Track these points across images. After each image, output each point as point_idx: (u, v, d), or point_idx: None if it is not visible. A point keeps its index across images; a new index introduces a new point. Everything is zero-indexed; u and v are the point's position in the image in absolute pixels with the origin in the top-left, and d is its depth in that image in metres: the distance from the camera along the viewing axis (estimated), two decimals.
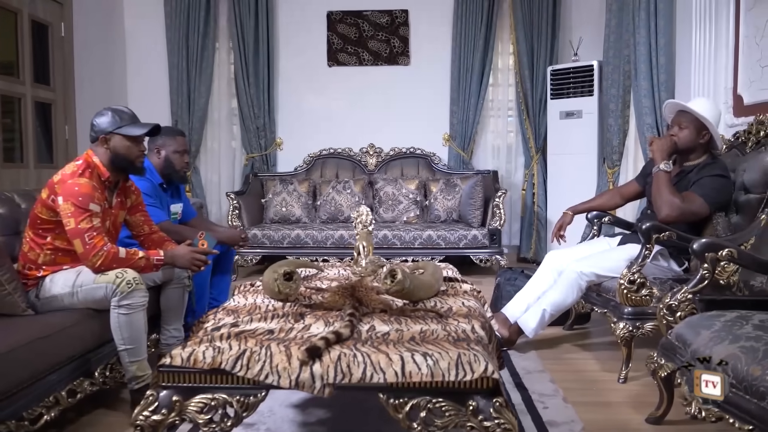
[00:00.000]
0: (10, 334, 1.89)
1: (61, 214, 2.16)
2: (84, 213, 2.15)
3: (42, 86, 4.25)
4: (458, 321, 1.82)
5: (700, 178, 2.69)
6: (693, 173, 2.74)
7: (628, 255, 2.77)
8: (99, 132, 2.30)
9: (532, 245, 5.20)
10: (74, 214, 2.14)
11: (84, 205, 2.16)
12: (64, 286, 2.21)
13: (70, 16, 4.48)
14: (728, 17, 3.22)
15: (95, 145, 2.32)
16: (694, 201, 2.64)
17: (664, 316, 2.21)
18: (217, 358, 1.50)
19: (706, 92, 3.41)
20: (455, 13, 5.19)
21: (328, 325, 1.75)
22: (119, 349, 2.19)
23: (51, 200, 2.20)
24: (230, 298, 2.21)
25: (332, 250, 4.62)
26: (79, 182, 2.19)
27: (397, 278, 1.94)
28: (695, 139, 2.74)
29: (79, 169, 2.25)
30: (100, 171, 2.30)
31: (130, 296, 2.15)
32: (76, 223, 2.14)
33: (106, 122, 2.30)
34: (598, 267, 2.85)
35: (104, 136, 2.29)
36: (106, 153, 2.31)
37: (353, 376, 1.47)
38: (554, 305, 2.88)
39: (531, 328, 2.89)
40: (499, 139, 5.41)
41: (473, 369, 1.47)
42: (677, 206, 2.62)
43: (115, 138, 2.30)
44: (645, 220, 2.72)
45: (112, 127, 2.30)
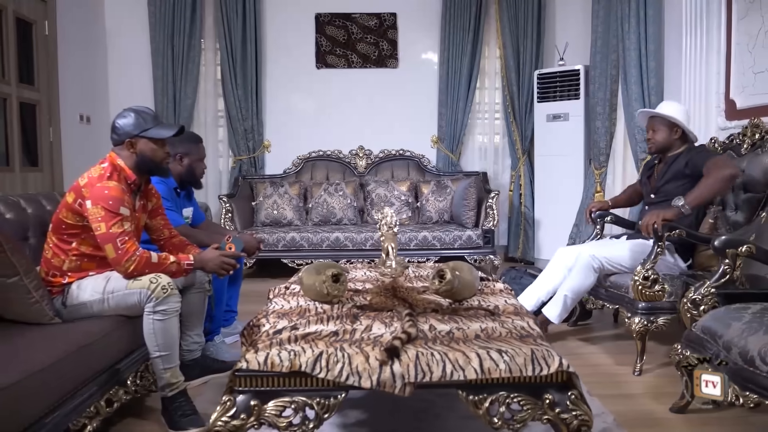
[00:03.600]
0: (50, 345, 1.83)
1: (90, 218, 2.09)
2: (115, 217, 2.09)
3: (27, 86, 4.08)
4: (511, 318, 1.86)
5: (690, 158, 2.87)
6: (679, 160, 2.93)
7: (633, 246, 2.94)
8: (124, 135, 2.22)
9: (519, 245, 5.32)
10: (105, 219, 2.07)
11: (115, 209, 2.09)
12: (94, 293, 2.14)
13: (54, 14, 4.32)
14: (719, 25, 3.38)
15: (119, 148, 2.24)
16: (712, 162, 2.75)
17: (689, 309, 2.31)
18: (295, 361, 1.50)
19: (697, 96, 3.58)
20: (443, 18, 5.26)
21: (387, 325, 1.76)
22: (153, 355, 2.14)
23: (78, 204, 2.12)
24: (268, 302, 2.19)
25: (328, 252, 4.60)
26: (108, 185, 2.12)
27: (446, 278, 1.98)
28: (669, 137, 2.98)
29: (107, 172, 2.18)
30: (127, 174, 2.23)
31: (166, 302, 2.10)
32: (107, 227, 2.07)
33: (131, 125, 2.22)
34: (607, 253, 2.98)
35: (130, 140, 2.22)
36: (131, 156, 2.24)
37: (433, 375, 1.49)
38: (573, 290, 2.98)
39: (555, 315, 2.99)
40: (487, 140, 5.51)
41: (548, 363, 1.52)
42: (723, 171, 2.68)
43: (141, 141, 2.23)
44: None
45: (137, 130, 2.23)
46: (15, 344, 1.79)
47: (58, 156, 4.40)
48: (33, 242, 2.47)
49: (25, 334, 1.93)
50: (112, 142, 2.27)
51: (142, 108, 2.33)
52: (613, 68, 4.42)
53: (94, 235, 2.10)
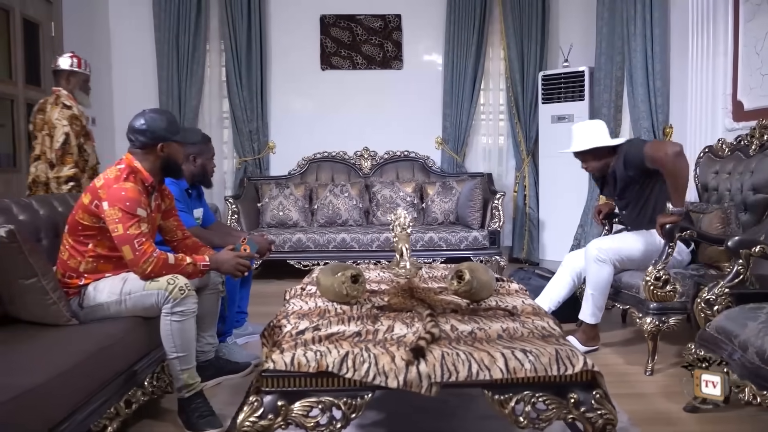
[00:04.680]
0: (72, 346, 1.83)
1: (107, 219, 2.09)
2: (132, 218, 2.08)
3: (33, 87, 4.07)
4: (531, 318, 1.87)
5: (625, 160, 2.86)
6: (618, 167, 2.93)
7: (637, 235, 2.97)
8: (156, 138, 2.21)
9: (524, 246, 5.33)
10: (122, 220, 2.07)
11: (132, 210, 2.09)
12: (111, 294, 2.14)
13: (59, 15, 4.32)
14: (726, 27, 3.41)
15: (143, 152, 2.23)
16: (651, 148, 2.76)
17: (702, 309, 2.33)
18: (322, 361, 1.50)
19: (703, 97, 3.60)
20: (447, 19, 5.27)
21: (408, 326, 1.77)
22: (170, 357, 2.14)
23: (94, 206, 2.12)
24: (285, 303, 2.20)
25: (334, 253, 4.61)
26: (125, 187, 2.12)
27: (465, 279, 1.99)
28: (600, 160, 3.02)
29: (123, 173, 2.18)
30: (144, 176, 2.23)
31: (183, 302, 2.11)
32: (124, 228, 2.07)
33: (163, 129, 2.22)
34: (613, 244, 3.01)
35: (164, 141, 2.22)
36: (156, 159, 2.23)
37: (459, 374, 1.50)
38: (594, 286, 2.96)
39: (588, 315, 2.99)
40: (491, 142, 5.53)
41: (572, 363, 1.53)
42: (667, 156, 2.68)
43: (171, 145, 2.24)
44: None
45: (171, 135, 2.24)
46: (36, 345, 1.80)
47: None
48: (45, 244, 2.47)
49: (44, 335, 1.94)
50: (136, 144, 2.24)
51: (165, 110, 2.35)
52: (618, 70, 4.44)
53: (111, 236, 2.10)
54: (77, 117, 3.32)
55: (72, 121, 3.29)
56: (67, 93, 3.37)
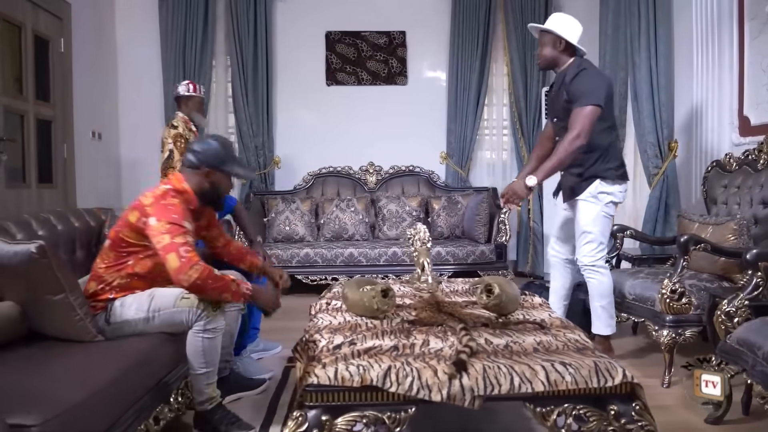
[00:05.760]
0: (105, 362, 1.82)
1: (153, 233, 2.06)
2: (179, 229, 2.06)
3: (43, 103, 4.08)
4: (562, 332, 1.89)
5: (572, 87, 2.84)
6: (566, 82, 2.88)
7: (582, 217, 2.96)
8: (205, 164, 2.21)
9: (529, 259, 5.36)
10: (169, 231, 2.04)
11: (179, 222, 2.07)
12: (138, 311, 2.13)
13: (69, 31, 4.33)
14: (731, 44, 3.48)
15: (192, 172, 2.23)
16: (578, 116, 2.77)
17: (723, 322, 2.36)
18: (365, 376, 1.51)
19: (709, 112, 3.67)
20: (451, 35, 5.35)
21: (442, 340, 1.78)
22: (198, 372, 2.13)
23: (142, 223, 2.10)
24: (312, 318, 2.20)
25: (342, 268, 4.61)
26: (172, 202, 2.12)
27: (494, 293, 2.00)
28: (554, 50, 2.94)
29: (170, 192, 2.17)
30: (190, 198, 2.22)
31: (216, 320, 2.11)
32: (171, 238, 2.03)
33: (215, 155, 2.22)
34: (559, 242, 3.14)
35: (210, 168, 2.21)
36: (201, 183, 2.23)
37: (502, 387, 1.51)
38: (600, 296, 2.98)
39: (603, 326, 2.99)
40: (495, 156, 5.58)
41: (612, 375, 1.55)
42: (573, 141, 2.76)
43: (218, 174, 2.24)
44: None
45: (221, 165, 2.23)
46: (71, 361, 1.78)
47: (72, 172, 4.39)
48: (64, 259, 2.47)
49: (75, 351, 1.92)
50: (186, 164, 2.25)
51: (225, 138, 2.33)
52: (622, 85, 4.51)
53: (153, 253, 2.09)
54: (181, 135, 3.65)
55: (176, 139, 3.62)
56: (182, 115, 3.77)
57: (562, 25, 2.93)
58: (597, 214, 2.94)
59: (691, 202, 3.91)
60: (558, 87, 2.99)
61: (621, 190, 2.97)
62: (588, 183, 2.92)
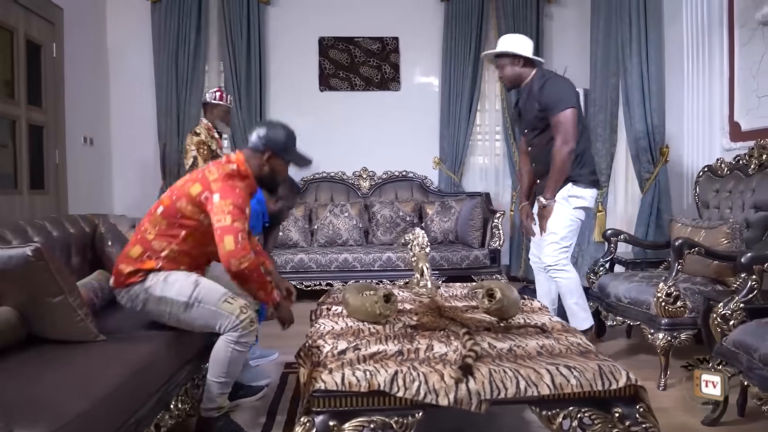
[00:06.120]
0: (110, 367, 1.79)
1: (215, 210, 2.04)
2: (241, 214, 2.05)
3: (35, 108, 4.04)
4: (564, 335, 1.91)
5: (543, 97, 2.96)
6: (535, 93, 3.02)
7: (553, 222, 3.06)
8: (272, 147, 2.18)
9: (521, 264, 5.39)
10: (232, 213, 2.02)
11: (242, 207, 2.06)
12: (180, 294, 2.08)
13: (61, 36, 4.30)
14: (722, 51, 3.54)
15: (254, 154, 2.20)
16: (560, 123, 2.91)
17: (719, 324, 2.39)
18: (372, 380, 1.51)
19: (700, 118, 3.72)
20: (444, 42, 5.38)
21: (446, 344, 1.79)
22: (216, 380, 2.12)
23: (204, 197, 2.07)
24: (313, 323, 2.20)
25: (336, 273, 4.61)
26: (239, 185, 2.10)
27: (496, 297, 2.02)
28: (514, 69, 3.06)
29: (236, 174, 2.14)
30: (252, 185, 2.21)
31: (250, 334, 2.11)
32: (232, 220, 2.01)
33: (282, 141, 2.20)
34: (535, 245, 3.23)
35: (273, 153, 2.19)
36: (262, 167, 2.20)
37: (508, 391, 1.52)
38: (570, 293, 3.08)
39: (580, 322, 3.05)
40: (488, 161, 5.61)
41: (616, 378, 1.56)
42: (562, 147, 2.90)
43: (277, 161, 2.22)
44: None
45: (284, 153, 2.22)
46: (74, 366, 1.76)
47: (63, 178, 4.35)
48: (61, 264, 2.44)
49: (77, 354, 1.89)
50: (251, 146, 2.22)
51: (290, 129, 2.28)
52: (614, 91, 4.56)
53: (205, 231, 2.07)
54: (204, 142, 3.78)
55: (199, 146, 3.76)
56: (206, 122, 3.89)
57: (514, 43, 3.06)
58: (565, 216, 3.04)
59: (682, 207, 3.96)
60: (526, 99, 3.11)
61: (592, 195, 3.10)
62: (561, 186, 3.03)
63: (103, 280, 2.69)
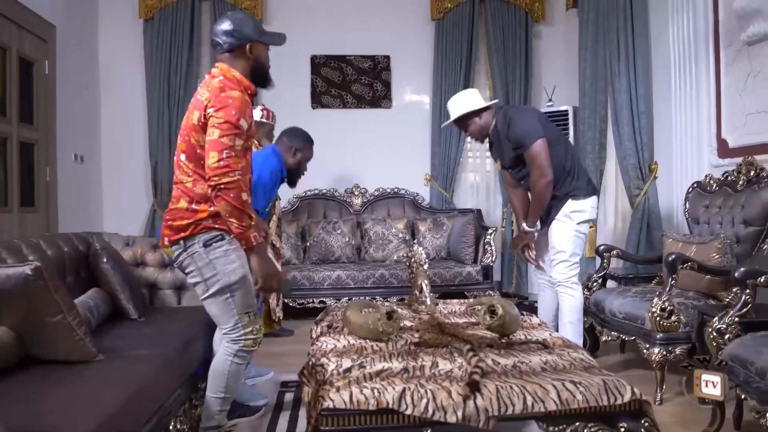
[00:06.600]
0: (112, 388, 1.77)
1: (209, 122, 1.95)
2: (232, 129, 1.94)
3: (26, 126, 4.01)
4: (566, 351, 1.92)
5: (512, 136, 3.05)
6: (504, 135, 3.10)
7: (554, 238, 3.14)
8: (245, 39, 2.05)
9: (513, 280, 5.42)
10: (221, 127, 1.93)
11: (234, 121, 1.94)
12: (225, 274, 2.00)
13: (53, 54, 4.29)
14: (708, 70, 3.63)
15: (230, 56, 2.07)
16: (532, 158, 2.99)
17: (714, 338, 2.42)
18: (381, 398, 1.51)
19: (689, 135, 3.80)
20: (435, 60, 5.45)
21: (450, 361, 1.80)
22: (216, 396, 2.11)
23: (204, 117, 1.98)
24: (314, 341, 2.19)
25: (329, 290, 4.60)
26: (232, 95, 1.98)
27: (498, 313, 2.03)
28: (477, 123, 3.16)
29: (226, 84, 2.02)
30: (245, 84, 2.09)
31: (251, 347, 2.10)
32: (220, 135, 1.92)
33: (251, 28, 2.08)
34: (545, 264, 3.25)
35: (250, 44, 2.07)
36: (245, 64, 2.09)
37: (515, 407, 1.53)
38: (570, 312, 3.11)
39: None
40: (479, 178, 5.66)
41: (621, 393, 1.58)
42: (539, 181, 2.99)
43: (259, 47, 2.10)
44: None
45: (258, 36, 2.10)
46: (76, 387, 1.74)
47: (54, 196, 4.31)
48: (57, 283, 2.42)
49: (77, 375, 1.87)
50: (225, 48, 2.08)
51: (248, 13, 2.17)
52: (602, 109, 4.64)
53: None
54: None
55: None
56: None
57: (465, 102, 3.16)
58: (569, 233, 3.10)
59: (672, 222, 4.02)
60: (498, 143, 3.20)
61: (593, 205, 3.16)
62: (561, 203, 3.10)
63: (98, 299, 2.67)
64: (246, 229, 1.98)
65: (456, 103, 3.19)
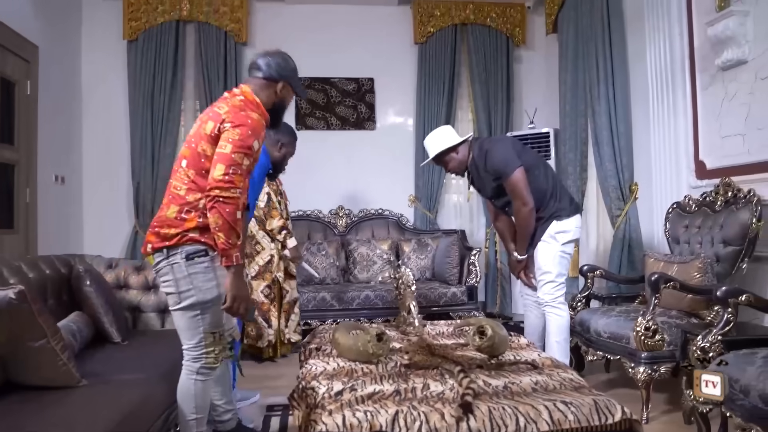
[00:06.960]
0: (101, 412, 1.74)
1: (223, 136, 1.96)
2: (243, 148, 1.95)
3: (7, 146, 3.96)
4: (555, 371, 1.93)
5: (490, 168, 3.12)
6: (482, 167, 3.18)
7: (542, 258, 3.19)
8: (283, 77, 2.12)
9: (497, 300, 5.44)
10: (234, 143, 1.94)
11: (249, 142, 1.96)
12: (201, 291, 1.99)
13: (36, 74, 4.26)
14: (684, 94, 3.73)
15: (263, 85, 2.11)
16: (512, 188, 3.07)
17: (699, 357, 2.46)
18: (374, 422, 1.50)
19: (667, 157, 3.88)
20: (418, 83, 5.52)
21: (441, 383, 1.80)
22: (189, 418, 2.07)
23: (218, 130, 1.98)
24: (304, 364, 2.17)
25: (314, 312, 4.56)
26: (252, 116, 2.01)
27: (488, 334, 2.04)
28: (455, 159, 3.21)
29: (247, 105, 2.05)
30: (264, 114, 2.11)
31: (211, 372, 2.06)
32: (232, 150, 1.93)
33: (289, 69, 2.13)
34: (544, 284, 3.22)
35: (284, 83, 2.11)
36: (271, 97, 2.12)
37: (508, 428, 1.53)
38: (558, 332, 3.15)
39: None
40: (462, 199, 5.71)
41: (611, 412, 1.59)
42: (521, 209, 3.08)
43: (289, 90, 2.15)
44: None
45: (294, 81, 2.15)
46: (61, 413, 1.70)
47: (34, 217, 4.24)
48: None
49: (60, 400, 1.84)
50: (263, 74, 2.12)
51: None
52: (583, 131, 4.73)
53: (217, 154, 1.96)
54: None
55: (269, 182, 3.80)
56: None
57: (441, 140, 3.22)
58: (555, 253, 3.16)
59: (653, 242, 4.08)
60: (477, 176, 3.27)
61: (577, 225, 3.22)
62: (546, 224, 3.16)
63: (81, 322, 2.63)
64: (231, 247, 1.97)
65: (432, 141, 3.23)
